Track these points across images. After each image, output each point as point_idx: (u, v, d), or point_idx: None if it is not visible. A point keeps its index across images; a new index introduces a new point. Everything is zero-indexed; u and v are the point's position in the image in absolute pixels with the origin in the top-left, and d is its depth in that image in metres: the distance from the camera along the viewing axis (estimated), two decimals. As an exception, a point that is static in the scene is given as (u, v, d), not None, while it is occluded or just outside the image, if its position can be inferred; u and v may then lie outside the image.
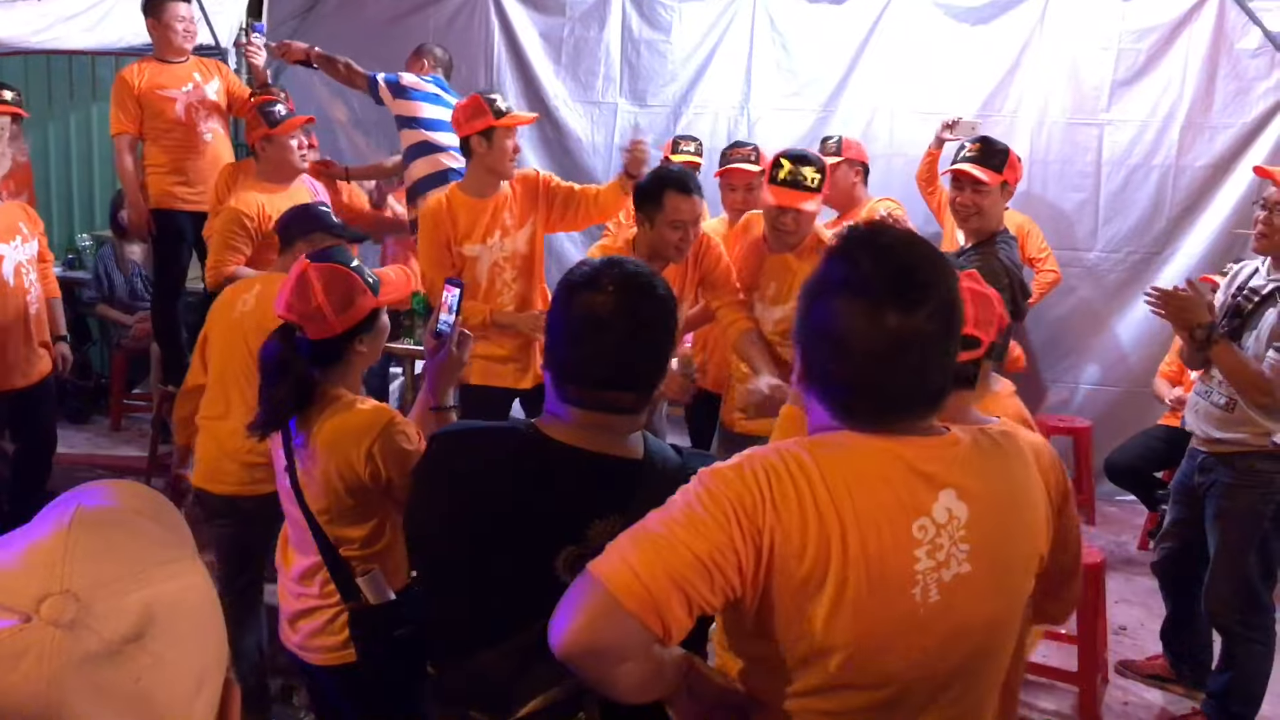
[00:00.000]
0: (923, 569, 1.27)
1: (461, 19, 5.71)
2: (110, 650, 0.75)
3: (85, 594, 0.75)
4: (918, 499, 1.29)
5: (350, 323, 2.17)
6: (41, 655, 0.73)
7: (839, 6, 5.44)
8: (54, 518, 0.81)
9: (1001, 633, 1.40)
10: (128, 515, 0.85)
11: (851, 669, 1.29)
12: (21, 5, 4.60)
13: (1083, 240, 5.31)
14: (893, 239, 1.35)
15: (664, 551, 1.22)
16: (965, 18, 5.31)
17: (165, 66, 4.78)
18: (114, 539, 0.81)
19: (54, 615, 0.74)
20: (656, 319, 1.56)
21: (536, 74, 5.70)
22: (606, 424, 1.55)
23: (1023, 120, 5.27)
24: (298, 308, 2.14)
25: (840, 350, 1.30)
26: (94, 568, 0.77)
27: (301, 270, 2.16)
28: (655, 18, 5.61)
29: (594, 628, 1.21)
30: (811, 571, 1.26)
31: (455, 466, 1.59)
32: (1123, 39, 5.16)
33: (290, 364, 2.15)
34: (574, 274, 1.58)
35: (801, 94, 5.50)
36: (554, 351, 1.57)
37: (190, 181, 4.76)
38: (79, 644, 0.74)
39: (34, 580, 0.76)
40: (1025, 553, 1.40)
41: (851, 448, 1.31)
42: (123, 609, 0.76)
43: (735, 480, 1.28)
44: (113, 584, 0.77)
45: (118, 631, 0.75)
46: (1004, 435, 1.43)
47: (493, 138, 3.58)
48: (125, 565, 0.79)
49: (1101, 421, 5.17)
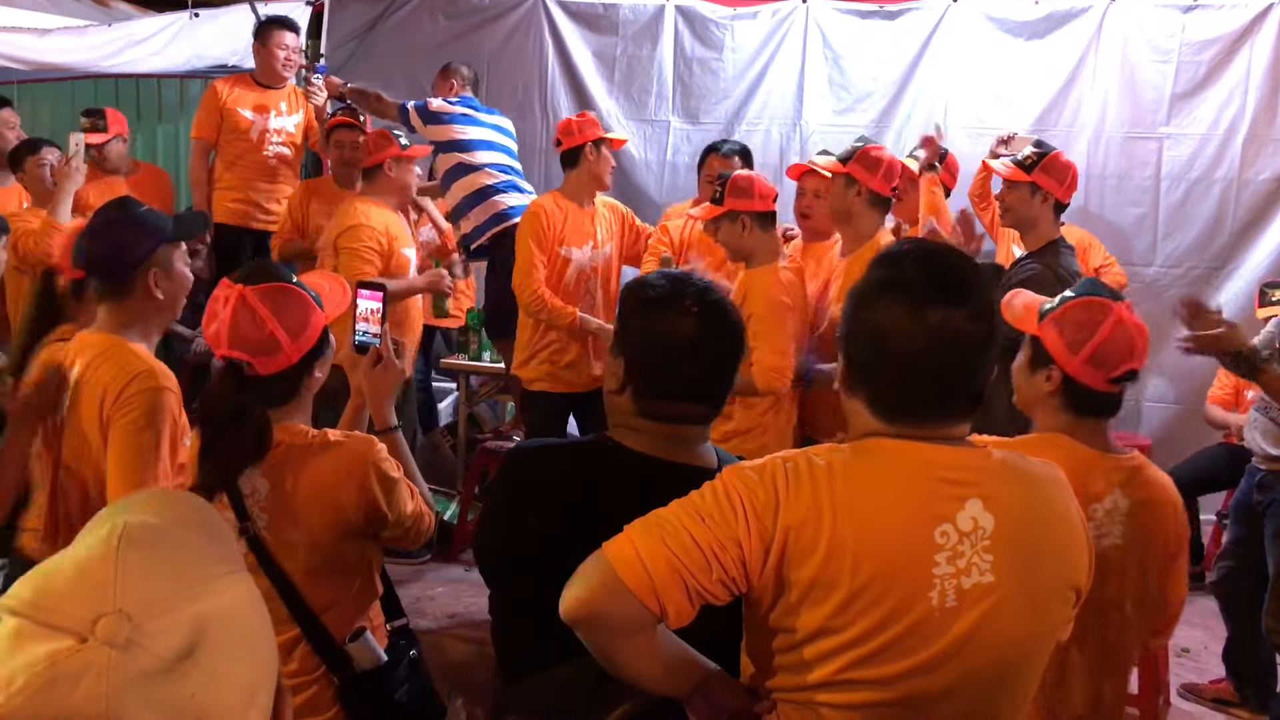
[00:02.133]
0: (941, 574, 1.30)
1: (516, 39, 5.78)
2: (165, 668, 0.76)
3: (137, 613, 0.77)
4: (941, 505, 1.32)
5: (306, 347, 1.87)
6: (100, 675, 0.75)
7: (892, 22, 5.43)
8: (102, 536, 0.82)
9: (1024, 656, 1.39)
10: (173, 529, 0.86)
11: (861, 665, 1.31)
12: (93, 31, 4.76)
13: (1141, 255, 5.23)
14: (934, 247, 1.43)
15: (667, 537, 1.30)
16: (1020, 32, 5.28)
17: (256, 89, 4.94)
18: (162, 556, 0.82)
19: (109, 635, 0.75)
20: (736, 336, 1.64)
21: (590, 92, 5.75)
22: (680, 435, 1.61)
23: (1079, 134, 5.21)
24: (248, 340, 1.81)
25: (883, 349, 1.35)
26: (144, 587, 0.79)
27: (238, 297, 1.82)
28: (708, 35, 5.64)
29: (595, 598, 1.30)
30: (823, 570, 1.29)
31: (534, 481, 1.63)
32: (1183, 51, 5.09)
33: (246, 409, 1.81)
34: (648, 290, 1.63)
35: (855, 110, 5.49)
36: (636, 371, 1.61)
37: (252, 201, 4.90)
38: (135, 663, 0.75)
39: (86, 601, 0.77)
40: (1057, 578, 1.39)
41: (877, 453, 1.36)
42: (174, 626, 0.78)
43: (752, 478, 1.33)
44: (163, 602, 0.78)
45: (171, 648, 0.77)
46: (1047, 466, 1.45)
47: (601, 149, 3.94)
48: (174, 582, 0.80)
49: (1161, 438, 5.08)
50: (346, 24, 5.99)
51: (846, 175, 3.41)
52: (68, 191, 3.82)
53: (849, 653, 1.31)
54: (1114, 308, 1.87)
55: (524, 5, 5.79)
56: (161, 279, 2.19)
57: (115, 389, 2.08)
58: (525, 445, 1.83)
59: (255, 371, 1.82)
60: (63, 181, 3.83)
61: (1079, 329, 1.85)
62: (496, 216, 4.26)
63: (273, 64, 4.94)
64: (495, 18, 5.80)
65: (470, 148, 4.35)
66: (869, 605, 1.29)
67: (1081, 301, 1.90)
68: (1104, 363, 1.84)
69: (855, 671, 1.31)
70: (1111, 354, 1.84)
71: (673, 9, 5.65)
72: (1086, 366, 1.84)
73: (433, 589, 4.25)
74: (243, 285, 1.83)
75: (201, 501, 0.95)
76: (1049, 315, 1.90)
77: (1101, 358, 1.84)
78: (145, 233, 2.19)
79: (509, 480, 1.72)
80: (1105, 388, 1.86)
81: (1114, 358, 1.85)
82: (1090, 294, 1.92)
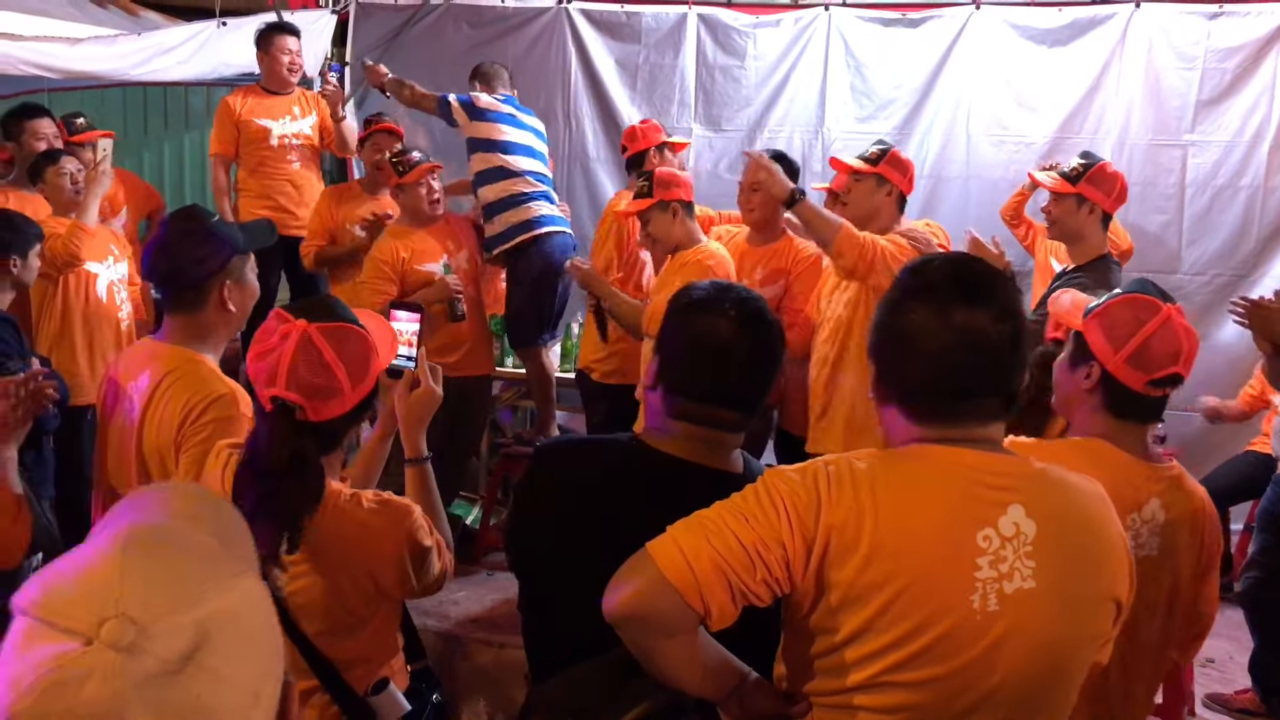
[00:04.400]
0: (983, 577, 1.31)
1: (539, 47, 5.81)
2: (168, 670, 0.78)
3: (141, 616, 0.78)
4: (983, 509, 1.33)
5: (364, 394, 1.76)
6: (104, 677, 0.76)
7: (914, 29, 5.43)
8: (108, 536, 0.84)
9: (1063, 664, 1.38)
10: (182, 529, 0.88)
11: (901, 668, 1.32)
12: (122, 40, 4.81)
13: (1166, 263, 5.20)
14: (959, 255, 1.47)
15: (711, 536, 1.30)
16: (1043, 39, 5.26)
17: (267, 96, 4.99)
18: (167, 559, 0.84)
19: (113, 638, 0.77)
20: (773, 344, 1.64)
21: (612, 100, 5.78)
22: (713, 439, 1.62)
23: (1103, 141, 5.18)
24: (308, 383, 1.67)
25: (910, 351, 1.38)
26: (148, 590, 0.80)
27: (302, 334, 1.69)
28: (730, 43, 5.65)
29: (639, 597, 1.30)
30: (864, 573, 1.30)
31: (564, 479, 1.65)
32: (1208, 58, 5.07)
33: (305, 458, 1.67)
34: (691, 293, 1.65)
35: (877, 117, 5.49)
36: (670, 369, 1.63)
37: (279, 208, 4.93)
38: (139, 666, 0.77)
39: (92, 604, 0.79)
40: (1098, 588, 1.39)
41: (917, 457, 1.37)
42: (178, 629, 0.79)
43: (795, 480, 1.35)
44: (167, 605, 0.80)
45: (174, 651, 0.78)
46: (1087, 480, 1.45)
47: (664, 152, 4.24)
48: (179, 585, 0.81)
49: (1189, 447, 5.03)
50: (371, 32, 6.04)
51: (877, 175, 3.43)
52: (96, 195, 3.85)
53: (890, 655, 1.31)
54: (1163, 308, 1.82)
55: (547, 14, 5.83)
56: (234, 291, 2.19)
57: (197, 409, 2.04)
58: (553, 441, 1.84)
59: (306, 416, 1.67)
60: (91, 185, 3.86)
61: (1123, 326, 1.81)
62: (525, 224, 4.27)
63: (277, 70, 4.98)
64: (519, 26, 5.84)
65: (511, 150, 4.34)
66: (910, 607, 1.30)
67: (1129, 298, 1.86)
68: (1146, 363, 1.80)
69: (895, 674, 1.32)
70: (1155, 354, 1.79)
71: (695, 17, 5.67)
72: (1126, 365, 1.80)
73: (455, 593, 4.26)
74: (306, 321, 1.69)
75: (214, 497, 0.96)
76: (1094, 310, 1.86)
77: (1143, 357, 1.79)
78: (219, 244, 2.20)
79: (536, 475, 1.74)
80: (1144, 390, 1.81)
81: (1157, 359, 1.80)
82: (1140, 292, 1.87)
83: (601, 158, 5.80)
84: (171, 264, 2.19)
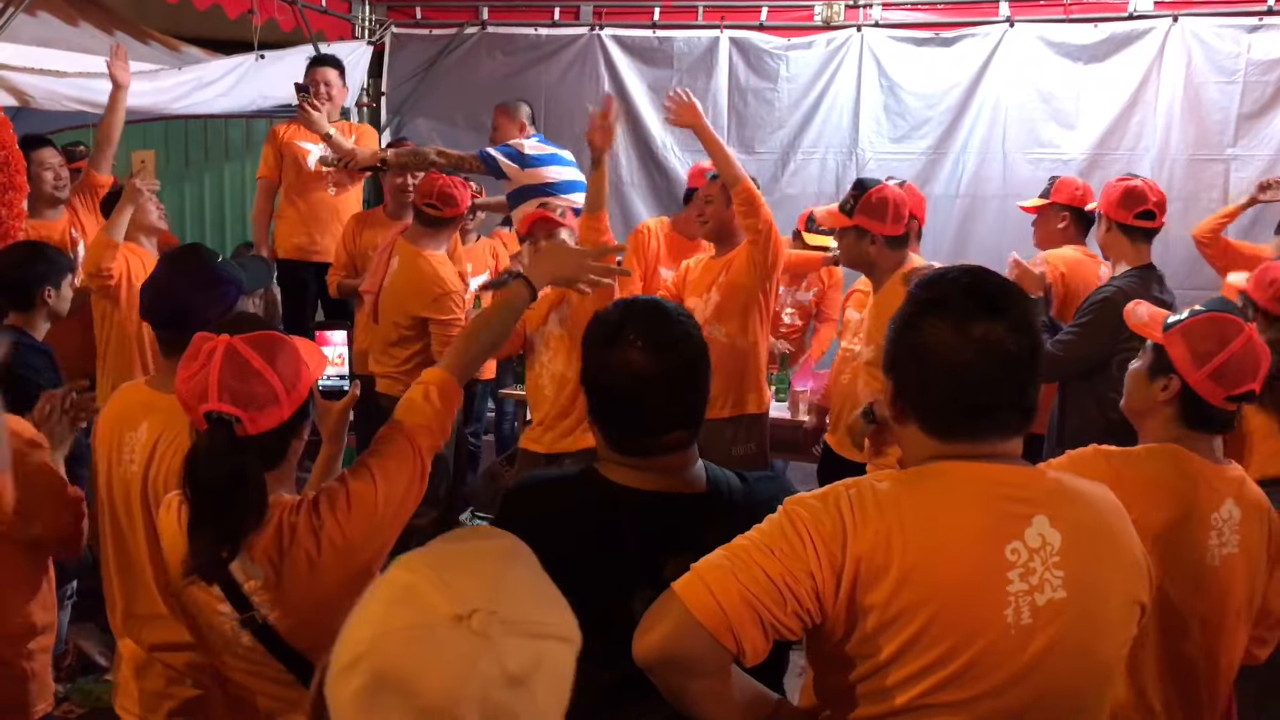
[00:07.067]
0: (1015, 591, 1.30)
1: (572, 73, 5.86)
2: (507, 679, 0.83)
3: (508, 620, 0.84)
4: (1009, 523, 1.32)
5: (299, 401, 1.67)
6: (460, 656, 0.82)
7: (948, 48, 5.42)
8: (496, 541, 0.95)
9: (1097, 672, 1.37)
10: (539, 569, 0.95)
11: (942, 689, 1.30)
12: (164, 74, 4.89)
13: (1210, 279, 5.09)
14: (970, 267, 1.45)
15: (739, 572, 1.28)
16: (1079, 55, 5.22)
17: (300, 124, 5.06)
18: (538, 586, 0.92)
19: (482, 627, 0.83)
20: (691, 362, 1.56)
21: (645, 124, 5.81)
22: (662, 465, 1.56)
23: (1142, 157, 5.13)
24: (240, 390, 1.60)
25: (929, 367, 1.36)
26: (521, 602, 0.87)
27: (226, 346, 1.62)
28: (762, 66, 5.66)
29: (670, 639, 1.28)
30: (897, 597, 1.28)
31: (527, 519, 1.57)
32: (1248, 71, 5.01)
33: (244, 471, 1.60)
34: (600, 325, 1.58)
35: (911, 137, 5.48)
36: (597, 408, 1.58)
37: (313, 233, 5.00)
38: (488, 662, 0.83)
39: (477, 591, 0.86)
40: (1123, 592, 1.38)
41: (939, 475, 1.35)
42: (526, 649, 0.85)
43: (817, 508, 1.33)
44: (529, 623, 0.86)
45: (515, 666, 0.84)
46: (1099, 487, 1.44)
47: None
48: (542, 613, 0.89)
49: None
50: (407, 62, 6.12)
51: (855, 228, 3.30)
52: (127, 211, 3.86)
53: (932, 675, 1.30)
54: (1246, 327, 1.88)
55: (580, 40, 5.88)
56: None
57: None
58: (520, 481, 1.79)
59: (245, 430, 1.60)
60: (125, 200, 3.88)
61: (1209, 342, 1.87)
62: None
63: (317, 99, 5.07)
64: (552, 53, 5.90)
65: (560, 190, 4.37)
66: (948, 626, 1.28)
67: (1213, 316, 1.91)
68: (1227, 379, 1.85)
69: (937, 695, 1.30)
70: (1236, 372, 1.85)
71: (727, 40, 5.69)
72: (1208, 381, 1.86)
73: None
74: (229, 335, 1.64)
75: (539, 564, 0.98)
76: (1177, 326, 1.91)
77: (1225, 374, 1.85)
78: (225, 287, 2.19)
79: (505, 519, 1.67)
80: (1222, 404, 1.87)
81: (1238, 376, 1.86)
82: (1223, 310, 1.94)
83: (635, 182, 5.83)
84: (174, 307, 2.15)
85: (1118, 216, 3.34)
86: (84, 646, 3.59)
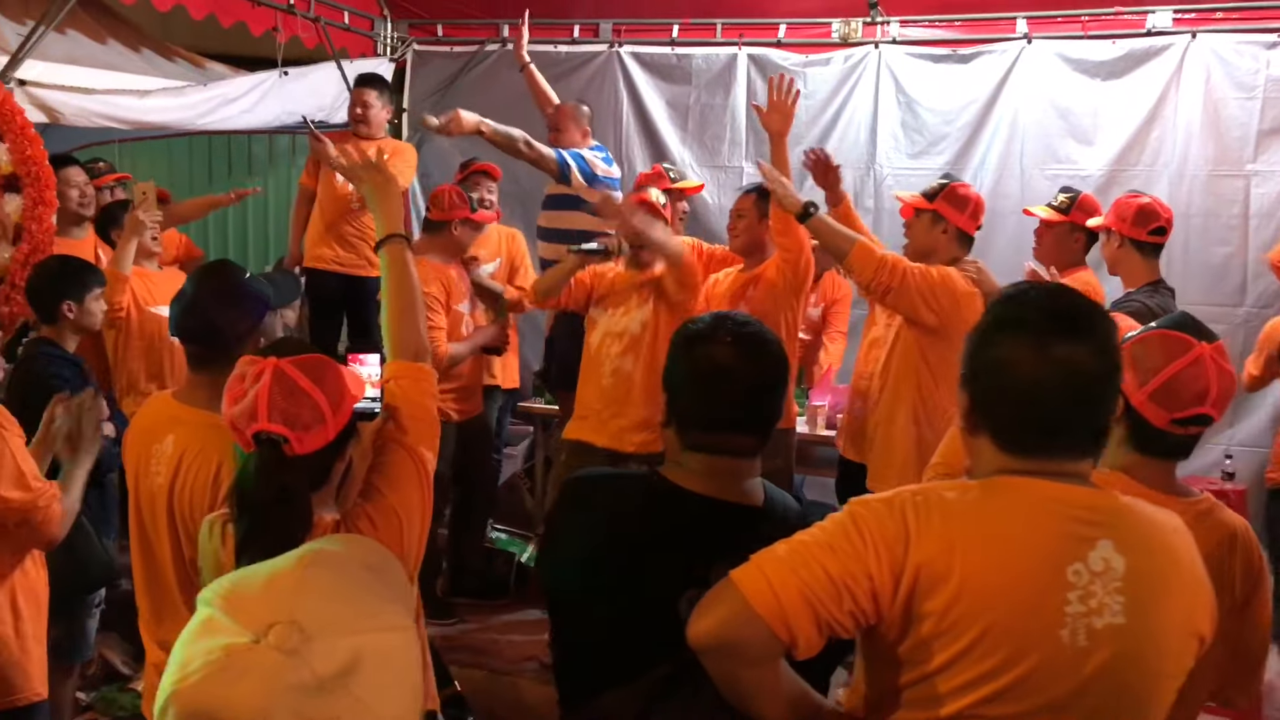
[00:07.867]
0: (1073, 612, 1.30)
1: (592, 90, 5.90)
2: (319, 684, 0.83)
3: (308, 627, 0.84)
4: (1074, 545, 1.32)
5: (344, 422, 1.71)
6: (263, 675, 0.82)
7: (966, 65, 5.43)
8: (297, 553, 0.93)
9: (1149, 700, 1.37)
10: (357, 567, 0.95)
11: (992, 701, 1.30)
12: (189, 91, 4.96)
13: (1231, 295, 5.09)
14: (1055, 286, 1.47)
15: (798, 567, 1.30)
16: (1097, 71, 5.22)
17: (350, 138, 5.12)
18: (343, 585, 0.91)
19: (279, 641, 0.83)
20: (772, 365, 1.67)
21: (664, 141, 5.84)
22: (728, 469, 1.63)
23: (1160, 173, 5.12)
24: (290, 412, 1.63)
25: (1007, 383, 1.37)
26: (320, 606, 0.87)
27: (275, 368, 1.65)
28: (780, 82, 5.67)
29: (725, 625, 1.31)
30: (954, 606, 1.29)
31: (588, 511, 1.67)
32: (1268, 87, 4.98)
33: (293, 491, 1.63)
34: (690, 325, 1.69)
35: (929, 153, 5.48)
36: (677, 400, 1.67)
37: (338, 245, 5.05)
38: (294, 672, 0.83)
39: (269, 607, 0.86)
40: (1184, 623, 1.38)
41: (1007, 490, 1.36)
42: (337, 649, 0.84)
43: (882, 511, 1.34)
44: (333, 624, 0.86)
45: (328, 668, 0.83)
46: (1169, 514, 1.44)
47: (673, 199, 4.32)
48: (348, 610, 0.88)
49: (1255, 485, 4.91)
50: (429, 79, 6.19)
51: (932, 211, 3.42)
52: (132, 243, 3.91)
53: (982, 688, 1.31)
54: (1196, 346, 1.73)
55: (599, 57, 5.93)
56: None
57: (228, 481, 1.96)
58: (580, 474, 1.84)
59: (293, 450, 1.63)
60: (128, 232, 3.92)
61: (1149, 360, 1.74)
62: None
63: (350, 117, 5.17)
64: (572, 70, 5.94)
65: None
66: (1002, 640, 1.29)
67: (1160, 333, 1.78)
68: (1170, 401, 1.72)
69: (986, 708, 1.31)
70: (1180, 393, 1.71)
71: (745, 57, 5.72)
72: (1149, 402, 1.73)
73: (509, 633, 4.27)
74: (276, 357, 1.68)
75: (388, 553, 1.01)
76: (1127, 342, 1.77)
77: (1168, 395, 1.72)
78: (254, 303, 2.23)
79: (561, 510, 1.77)
80: (1168, 427, 1.73)
81: (1182, 398, 1.71)
82: (1175, 327, 1.79)
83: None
84: (204, 324, 2.18)
85: (1132, 233, 3.36)
86: (108, 655, 3.64)
